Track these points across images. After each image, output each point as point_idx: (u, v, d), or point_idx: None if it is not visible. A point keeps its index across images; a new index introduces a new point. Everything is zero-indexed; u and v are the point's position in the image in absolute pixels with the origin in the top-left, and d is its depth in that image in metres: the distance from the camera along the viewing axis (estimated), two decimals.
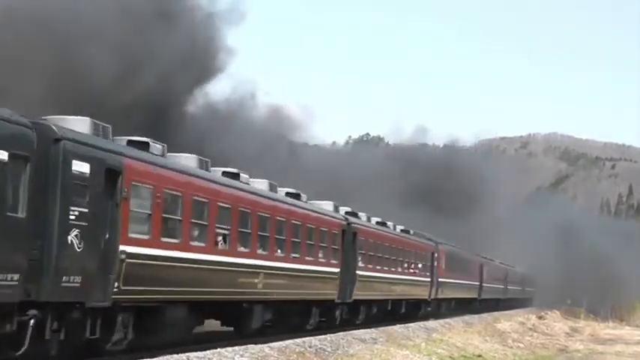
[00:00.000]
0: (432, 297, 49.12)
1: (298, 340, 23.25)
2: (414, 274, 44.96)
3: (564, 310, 77.37)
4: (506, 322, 49.97)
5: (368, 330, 30.03)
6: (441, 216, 75.63)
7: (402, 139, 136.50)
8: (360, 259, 35.12)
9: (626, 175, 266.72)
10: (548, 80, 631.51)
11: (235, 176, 25.25)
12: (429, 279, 48.08)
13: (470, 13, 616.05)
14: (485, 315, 55.37)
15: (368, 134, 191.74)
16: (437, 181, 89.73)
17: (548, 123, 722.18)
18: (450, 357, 28.59)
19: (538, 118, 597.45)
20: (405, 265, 43.59)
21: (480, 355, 31.21)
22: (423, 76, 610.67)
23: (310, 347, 22.51)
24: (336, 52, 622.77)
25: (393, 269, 41.04)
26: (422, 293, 47.29)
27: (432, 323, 39.59)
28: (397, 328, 33.27)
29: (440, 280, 50.28)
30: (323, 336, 25.59)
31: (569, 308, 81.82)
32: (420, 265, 46.44)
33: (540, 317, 60.75)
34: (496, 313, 59.17)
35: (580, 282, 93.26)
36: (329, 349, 23.06)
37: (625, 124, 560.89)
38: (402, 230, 45.35)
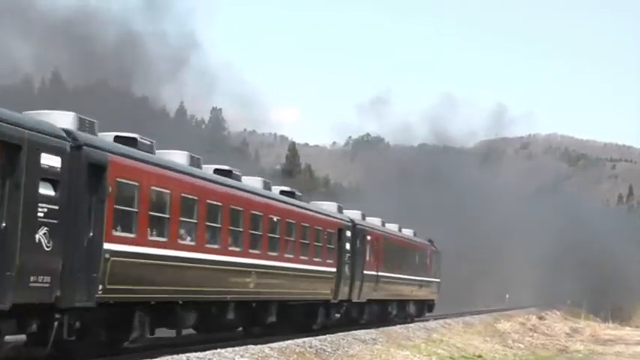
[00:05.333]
0: (344, 297, 34.07)
1: (298, 341, 23.28)
2: (296, 259, 29.13)
3: (565, 311, 77.38)
4: (507, 322, 49.94)
5: (368, 330, 30.04)
6: (441, 217, 75.67)
7: (401, 140, 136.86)
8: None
9: (627, 175, 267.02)
10: (548, 81, 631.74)
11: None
12: (332, 269, 32.57)
13: (470, 12, 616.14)
14: (485, 315, 55.33)
15: (368, 134, 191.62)
16: (436, 182, 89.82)
17: (548, 124, 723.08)
18: (450, 357, 28.60)
19: (538, 118, 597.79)
20: (290, 246, 28.77)
21: (480, 356, 31.21)
22: (420, 74, 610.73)
23: (310, 348, 22.53)
24: (335, 52, 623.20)
25: (248, 251, 25.55)
26: (321, 291, 31.90)
27: (432, 324, 39.57)
28: (397, 329, 33.29)
29: (366, 272, 36.42)
30: (323, 336, 25.60)
31: (569, 309, 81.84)
32: (316, 247, 31.14)
33: (540, 318, 60.78)
34: (495, 314, 59.17)
35: (578, 280, 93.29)
36: (329, 350, 23.07)
37: (625, 125, 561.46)
38: (282, 192, 30.31)
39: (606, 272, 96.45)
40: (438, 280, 52.40)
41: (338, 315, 34.14)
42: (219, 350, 19.20)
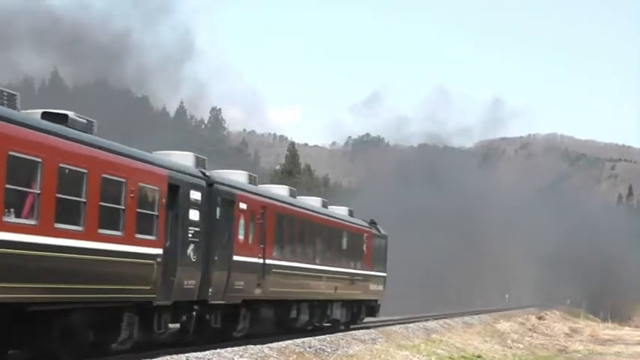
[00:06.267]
0: (188, 297, 22.08)
1: (298, 341, 23.30)
2: (44, 228, 16.12)
3: (564, 311, 77.42)
4: (506, 322, 49.96)
5: (367, 330, 30.05)
6: (440, 217, 75.68)
7: (399, 138, 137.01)
8: None
9: (626, 175, 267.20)
10: (548, 81, 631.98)
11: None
12: (154, 250, 19.90)
13: (470, 12, 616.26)
14: (484, 315, 55.36)
15: (368, 134, 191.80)
16: (436, 182, 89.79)
17: (548, 123, 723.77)
18: (450, 357, 28.62)
19: (538, 118, 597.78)
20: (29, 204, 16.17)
21: (479, 356, 31.22)
22: (419, 73, 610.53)
23: (310, 348, 22.55)
24: (334, 52, 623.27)
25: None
26: (126, 287, 19.05)
27: (431, 324, 39.58)
28: (397, 329, 33.27)
29: (238, 259, 24.81)
30: (322, 336, 25.62)
31: (568, 309, 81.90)
32: (108, 210, 18.31)
33: (540, 318, 60.78)
34: (495, 314, 59.20)
35: (578, 281, 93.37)
36: (329, 350, 23.09)
37: (625, 125, 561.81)
38: (46, 114, 17.38)
39: (606, 272, 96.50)
40: (382, 274, 40.49)
41: (176, 325, 21.75)
42: (218, 350, 19.25)
